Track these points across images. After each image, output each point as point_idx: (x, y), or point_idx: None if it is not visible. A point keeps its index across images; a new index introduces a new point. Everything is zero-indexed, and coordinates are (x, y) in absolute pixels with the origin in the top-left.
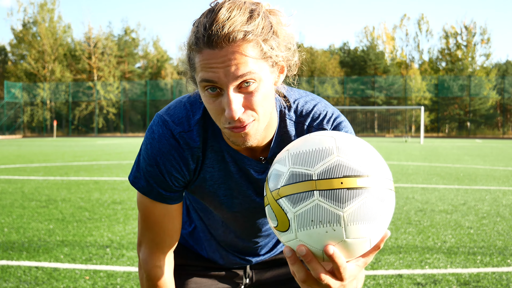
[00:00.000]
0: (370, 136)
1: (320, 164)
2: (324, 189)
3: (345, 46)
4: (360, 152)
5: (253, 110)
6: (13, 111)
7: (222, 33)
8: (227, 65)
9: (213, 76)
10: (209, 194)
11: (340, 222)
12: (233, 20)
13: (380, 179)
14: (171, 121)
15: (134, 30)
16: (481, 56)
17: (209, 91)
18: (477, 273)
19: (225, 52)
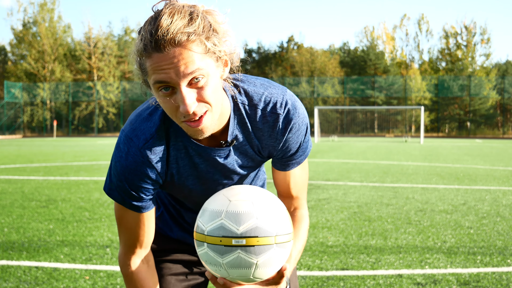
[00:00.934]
0: (370, 136)
1: (210, 224)
2: (210, 242)
3: (345, 46)
4: (245, 216)
5: (206, 102)
6: (13, 111)
7: (167, 37)
8: (176, 65)
9: (165, 77)
10: (178, 187)
11: (221, 266)
12: (175, 24)
13: (256, 239)
14: (135, 137)
15: (134, 30)
16: (481, 56)
17: (163, 91)
18: (477, 273)
19: (172, 54)
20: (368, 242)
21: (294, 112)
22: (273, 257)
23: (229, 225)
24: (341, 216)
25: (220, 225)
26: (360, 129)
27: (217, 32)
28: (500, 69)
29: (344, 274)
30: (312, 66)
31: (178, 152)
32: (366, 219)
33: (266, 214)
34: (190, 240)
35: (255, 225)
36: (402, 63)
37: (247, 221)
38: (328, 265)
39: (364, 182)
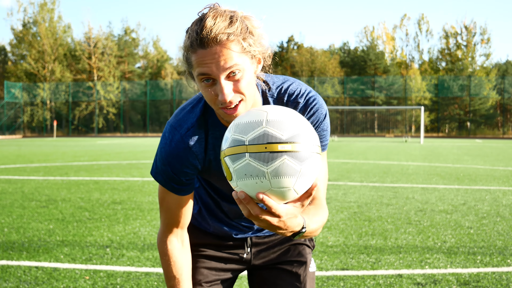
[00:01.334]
0: (370, 136)
1: (251, 133)
2: (252, 152)
3: (345, 46)
4: (286, 124)
5: (241, 93)
6: (13, 111)
7: (210, 36)
8: (217, 61)
9: (207, 70)
10: (215, 173)
11: (265, 176)
12: (218, 25)
13: (300, 145)
14: (178, 126)
15: (134, 30)
16: (481, 56)
17: (205, 82)
18: (477, 273)
19: (214, 51)
20: (368, 242)
21: (311, 102)
22: (313, 166)
23: (273, 131)
24: (341, 216)
25: (264, 132)
26: (360, 129)
27: (252, 34)
28: (500, 69)
29: (344, 274)
30: (312, 66)
31: (215, 140)
32: (366, 219)
33: (303, 124)
34: (225, 230)
35: (298, 131)
36: (402, 63)
37: (290, 128)
38: (328, 265)
39: (364, 182)
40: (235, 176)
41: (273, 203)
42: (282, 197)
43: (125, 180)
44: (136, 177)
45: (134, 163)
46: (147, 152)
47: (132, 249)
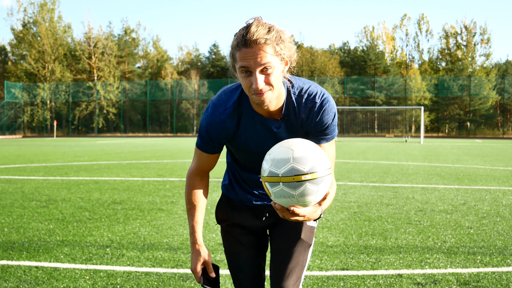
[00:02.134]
0: (370, 136)
1: (283, 168)
2: (284, 181)
3: (345, 46)
4: (307, 159)
5: (270, 84)
6: (13, 111)
7: (253, 39)
8: (255, 58)
9: (247, 64)
10: (243, 146)
11: (294, 197)
12: (259, 32)
13: (317, 173)
14: (218, 105)
15: (134, 30)
16: (481, 56)
17: (244, 73)
18: (477, 273)
19: (254, 50)
20: (368, 242)
21: (325, 103)
22: (326, 184)
23: (297, 166)
24: (341, 216)
25: (291, 168)
26: (360, 129)
27: (283, 42)
28: (500, 69)
29: (344, 274)
30: (312, 66)
31: (246, 120)
32: (366, 219)
33: (319, 155)
34: (248, 198)
35: (315, 163)
36: (402, 63)
37: (310, 162)
38: (328, 265)
39: (364, 182)
40: (273, 196)
41: (299, 210)
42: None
43: (125, 180)
44: (136, 177)
45: (134, 163)
46: (147, 152)
47: (132, 249)
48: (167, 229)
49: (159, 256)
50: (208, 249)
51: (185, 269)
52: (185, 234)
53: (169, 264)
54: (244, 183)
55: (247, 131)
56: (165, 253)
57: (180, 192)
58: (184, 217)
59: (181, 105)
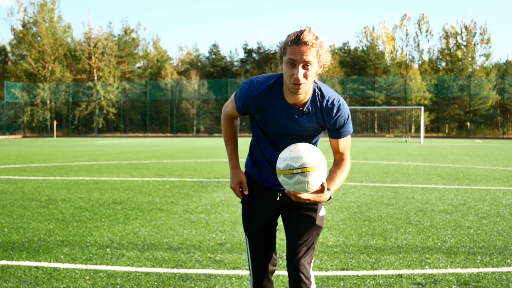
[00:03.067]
0: (370, 136)
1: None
2: (283, 173)
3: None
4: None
5: (306, 78)
6: (13, 111)
7: (303, 39)
8: (301, 54)
9: (294, 57)
10: (269, 120)
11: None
12: (309, 36)
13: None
14: (255, 81)
15: (134, 30)
16: (481, 56)
17: (289, 65)
18: (477, 273)
19: (302, 48)
20: (368, 242)
21: (341, 107)
22: (315, 177)
23: (292, 163)
24: (341, 216)
25: (287, 164)
26: (360, 129)
27: (323, 49)
28: (500, 69)
29: (344, 274)
30: None
31: (275, 103)
32: (366, 219)
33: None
34: (272, 178)
35: (304, 161)
36: (402, 63)
37: (299, 161)
38: (328, 265)
39: (364, 182)
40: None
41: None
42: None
43: (125, 180)
44: (136, 177)
45: (134, 163)
46: (147, 152)
47: (132, 249)
48: (167, 229)
49: (159, 256)
50: (209, 248)
51: (185, 269)
52: (185, 234)
53: (169, 264)
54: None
55: (274, 111)
56: (165, 253)
57: (180, 192)
58: (184, 217)
59: (181, 105)
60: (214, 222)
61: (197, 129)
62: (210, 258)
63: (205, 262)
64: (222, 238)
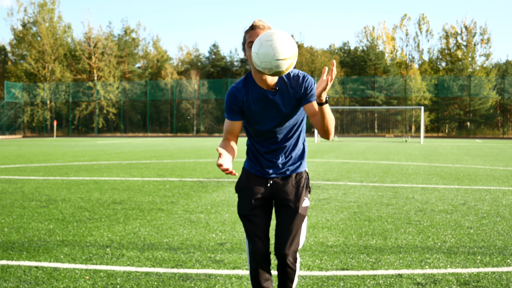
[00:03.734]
0: (370, 136)
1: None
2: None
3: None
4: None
5: None
6: (13, 111)
7: (257, 25)
8: (257, 35)
9: (253, 39)
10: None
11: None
12: (260, 22)
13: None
14: (233, 86)
15: (134, 30)
16: (481, 56)
17: (251, 47)
18: (477, 273)
19: (257, 31)
20: (368, 242)
21: (306, 75)
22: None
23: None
24: (341, 216)
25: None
26: (360, 129)
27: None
28: (500, 69)
29: (344, 274)
30: (312, 66)
31: (252, 93)
32: (366, 219)
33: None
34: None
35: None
36: (402, 63)
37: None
38: (328, 265)
39: (364, 182)
40: (260, 64)
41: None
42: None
43: (125, 180)
44: (136, 177)
45: (134, 163)
46: (147, 152)
47: (132, 249)
48: (167, 229)
49: (159, 256)
50: (209, 248)
51: (185, 269)
52: (185, 234)
53: (169, 264)
54: (259, 155)
55: (254, 99)
56: (165, 253)
57: (180, 192)
58: (184, 217)
59: (181, 105)
60: (214, 222)
61: (197, 129)
62: (210, 258)
63: (205, 262)
64: (222, 238)
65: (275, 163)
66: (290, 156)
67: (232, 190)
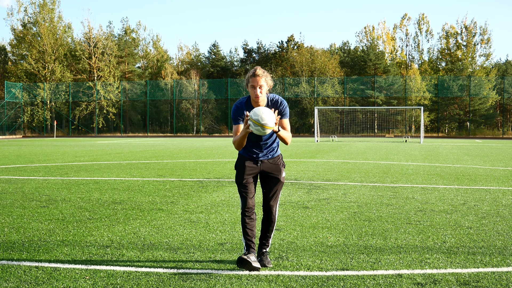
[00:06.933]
0: (370, 136)
1: (253, 117)
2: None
3: (345, 46)
4: (264, 116)
5: (261, 93)
6: (13, 111)
7: (257, 74)
8: (258, 82)
9: (254, 84)
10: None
11: (262, 128)
12: (260, 71)
13: (267, 122)
14: (237, 102)
15: (134, 30)
16: (481, 56)
17: (252, 88)
18: (477, 273)
19: (257, 79)
20: (368, 242)
21: (282, 100)
22: (265, 130)
23: (262, 120)
24: (341, 216)
25: (257, 119)
26: (360, 129)
27: (268, 78)
28: (500, 69)
29: (344, 274)
30: (312, 66)
31: (249, 109)
32: (366, 219)
33: (267, 116)
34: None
35: (262, 118)
36: (402, 63)
37: (260, 117)
38: (328, 265)
39: (364, 182)
40: (251, 123)
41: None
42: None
43: (125, 180)
44: (136, 177)
45: (134, 163)
46: (147, 152)
47: (132, 249)
48: (167, 229)
49: (159, 256)
50: (209, 248)
51: (185, 269)
52: (185, 234)
53: (169, 264)
54: (250, 147)
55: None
56: (165, 253)
57: (180, 192)
58: (184, 217)
59: (181, 105)
60: (214, 222)
61: (197, 129)
62: (210, 258)
63: (205, 262)
64: (222, 238)
65: (261, 151)
66: (270, 147)
67: (232, 190)
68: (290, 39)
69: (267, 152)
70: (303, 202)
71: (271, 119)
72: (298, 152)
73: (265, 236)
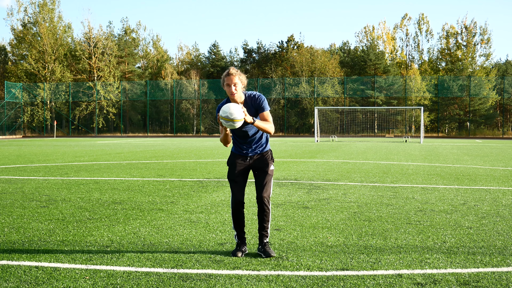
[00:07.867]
0: (370, 136)
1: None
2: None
3: (345, 46)
4: (232, 111)
5: (236, 91)
6: (13, 111)
7: (231, 72)
8: (232, 80)
9: (229, 82)
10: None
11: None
12: (233, 70)
13: (232, 118)
14: (222, 102)
15: (134, 30)
16: (481, 56)
17: (227, 86)
18: (476, 273)
19: (231, 77)
20: (368, 242)
21: (260, 95)
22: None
23: (226, 114)
24: (341, 216)
25: (226, 116)
26: (360, 129)
27: (242, 76)
28: (500, 69)
29: (344, 274)
30: (312, 66)
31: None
32: (366, 219)
33: (236, 112)
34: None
35: (231, 114)
36: (402, 63)
37: (229, 113)
38: (328, 265)
39: (364, 182)
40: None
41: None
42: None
43: (125, 180)
44: (136, 177)
45: (134, 163)
46: (147, 152)
47: (132, 249)
48: (167, 229)
49: (159, 256)
50: (209, 248)
51: (185, 269)
52: (185, 234)
53: (169, 264)
54: (238, 143)
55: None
56: (165, 253)
57: (180, 192)
58: (184, 217)
59: (181, 105)
60: (214, 222)
61: (197, 129)
62: (210, 258)
63: (205, 262)
64: (222, 238)
65: (250, 147)
66: (258, 143)
67: None
68: (290, 39)
69: (256, 148)
70: (303, 202)
71: (238, 112)
72: (298, 152)
73: (263, 227)
